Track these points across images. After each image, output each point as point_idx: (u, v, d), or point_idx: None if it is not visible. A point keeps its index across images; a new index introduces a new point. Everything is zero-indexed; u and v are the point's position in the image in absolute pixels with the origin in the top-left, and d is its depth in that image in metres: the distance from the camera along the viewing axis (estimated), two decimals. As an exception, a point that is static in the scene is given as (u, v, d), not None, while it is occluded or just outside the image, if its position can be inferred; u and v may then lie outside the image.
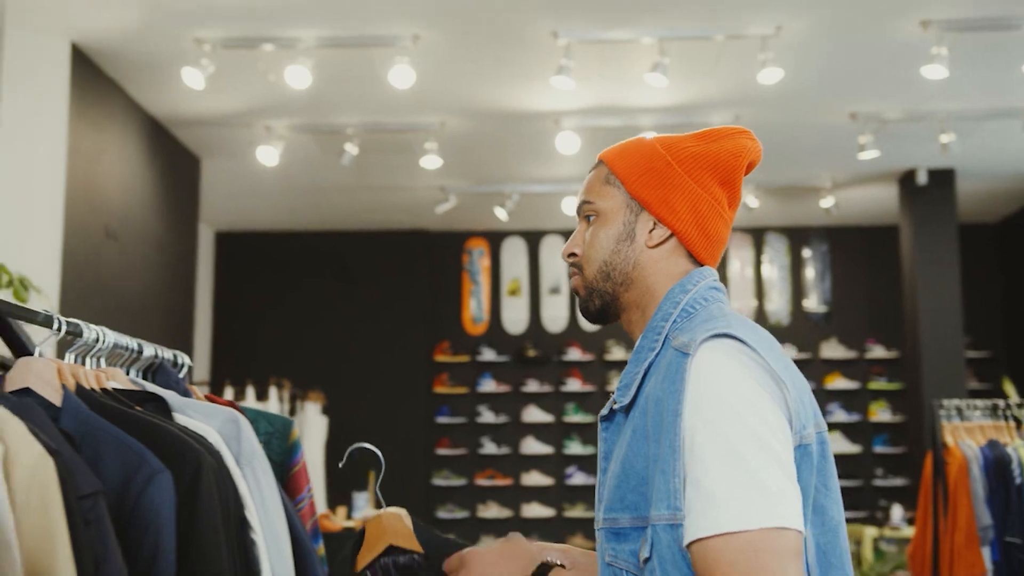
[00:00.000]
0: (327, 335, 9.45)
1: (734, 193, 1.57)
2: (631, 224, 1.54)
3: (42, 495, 1.19)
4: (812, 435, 1.33)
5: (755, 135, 1.60)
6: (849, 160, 7.36)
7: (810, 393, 1.41)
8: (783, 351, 1.42)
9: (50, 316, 1.77)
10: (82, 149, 5.61)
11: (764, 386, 1.31)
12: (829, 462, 1.37)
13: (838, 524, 1.35)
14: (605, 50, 5.60)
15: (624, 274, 1.53)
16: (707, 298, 1.49)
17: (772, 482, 1.23)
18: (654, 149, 1.55)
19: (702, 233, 1.52)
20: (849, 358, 9.39)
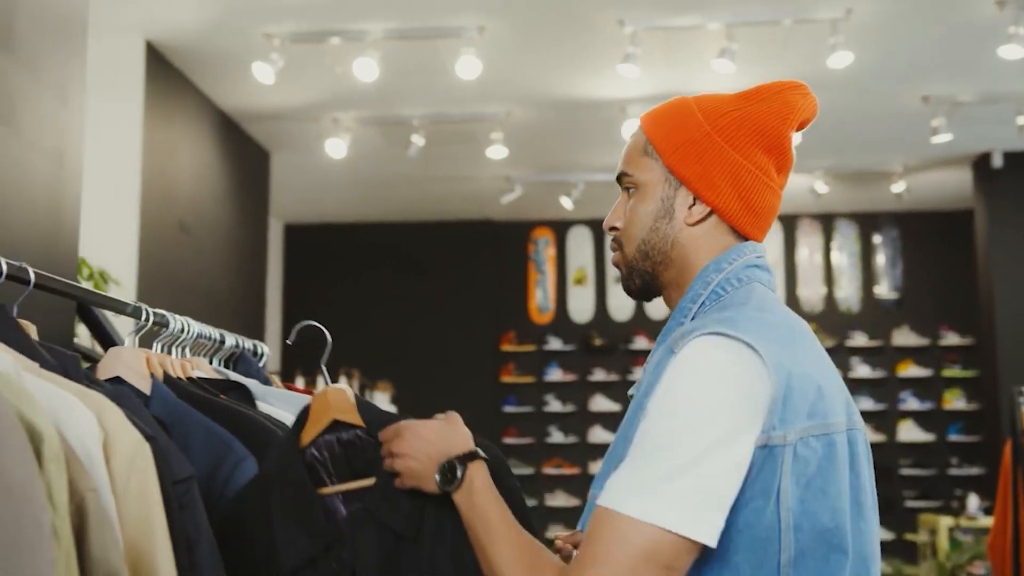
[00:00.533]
0: (395, 325, 9.53)
1: (782, 158, 1.45)
2: (670, 200, 1.44)
3: (140, 479, 1.23)
4: (786, 437, 1.22)
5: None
6: (921, 144, 7.22)
7: (831, 390, 1.29)
8: (806, 344, 1.31)
9: (139, 307, 1.82)
10: (157, 144, 5.72)
11: (738, 382, 1.23)
12: (835, 466, 1.27)
13: (829, 531, 1.25)
14: (671, 37, 5.57)
15: (663, 253, 1.44)
16: (741, 278, 1.40)
17: (672, 483, 1.19)
18: (693, 116, 1.43)
19: (746, 207, 1.42)
20: (921, 345, 9.23)
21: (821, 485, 1.25)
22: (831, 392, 1.30)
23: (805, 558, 1.25)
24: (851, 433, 1.32)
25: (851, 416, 1.34)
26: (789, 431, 1.23)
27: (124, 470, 1.22)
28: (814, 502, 1.25)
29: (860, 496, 1.32)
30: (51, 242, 2.29)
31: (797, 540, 1.24)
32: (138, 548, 1.20)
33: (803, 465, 1.24)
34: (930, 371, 9.18)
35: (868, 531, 1.33)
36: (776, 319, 1.33)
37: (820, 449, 1.25)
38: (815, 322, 9.36)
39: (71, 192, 2.37)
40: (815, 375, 1.28)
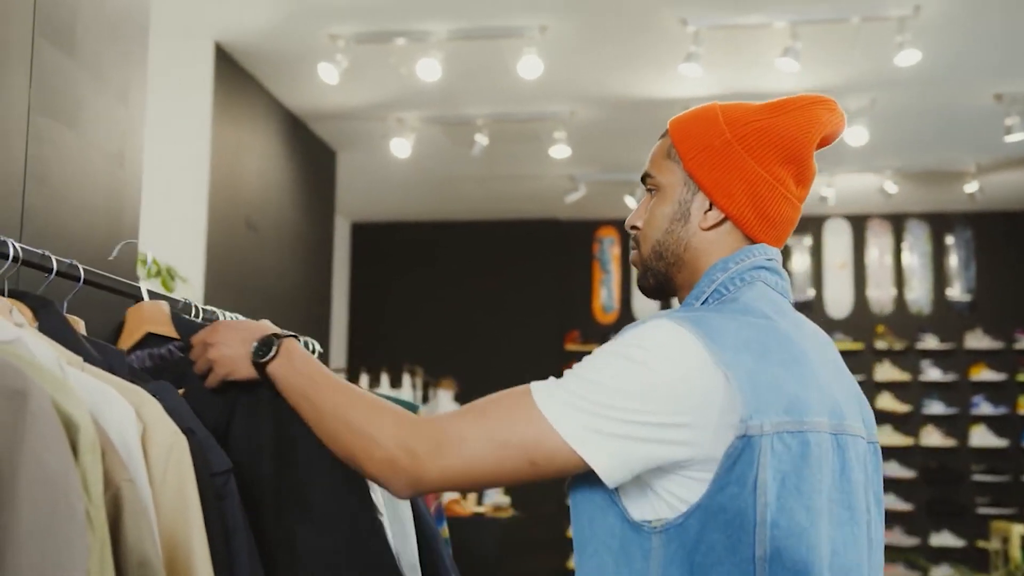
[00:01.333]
0: (459, 324, 9.59)
1: (802, 170, 1.47)
2: (687, 203, 1.48)
3: (177, 471, 1.27)
4: (763, 428, 1.24)
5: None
6: (994, 143, 7.06)
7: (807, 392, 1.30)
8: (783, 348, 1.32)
9: (189, 304, 1.87)
10: (225, 144, 5.84)
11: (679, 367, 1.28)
12: (809, 465, 1.27)
13: (804, 530, 1.26)
14: (734, 36, 5.53)
15: (676, 255, 1.49)
16: (745, 278, 1.43)
17: (577, 393, 1.29)
18: (716, 123, 1.47)
19: (760, 217, 1.45)
20: (995, 348, 9.03)
21: (795, 483, 1.26)
22: (808, 393, 1.31)
23: (781, 556, 1.25)
24: (841, 438, 1.33)
25: (843, 420, 1.34)
26: (765, 423, 1.25)
27: (161, 462, 1.26)
28: (790, 499, 1.26)
29: (852, 501, 1.33)
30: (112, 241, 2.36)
31: (774, 537, 1.24)
32: (174, 537, 1.24)
33: (779, 460, 1.25)
34: (1004, 375, 8.96)
35: (861, 536, 1.33)
36: (754, 321, 1.34)
37: (794, 447, 1.27)
38: (884, 324, 9.21)
39: (132, 192, 2.44)
40: (789, 375, 1.30)
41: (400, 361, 7.83)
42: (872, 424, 1.43)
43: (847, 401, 1.38)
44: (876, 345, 9.16)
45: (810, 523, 1.26)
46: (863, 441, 1.38)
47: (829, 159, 7.47)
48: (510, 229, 9.73)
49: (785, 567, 1.25)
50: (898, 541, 8.77)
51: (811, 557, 1.26)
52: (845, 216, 9.33)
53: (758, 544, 1.24)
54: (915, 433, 9.00)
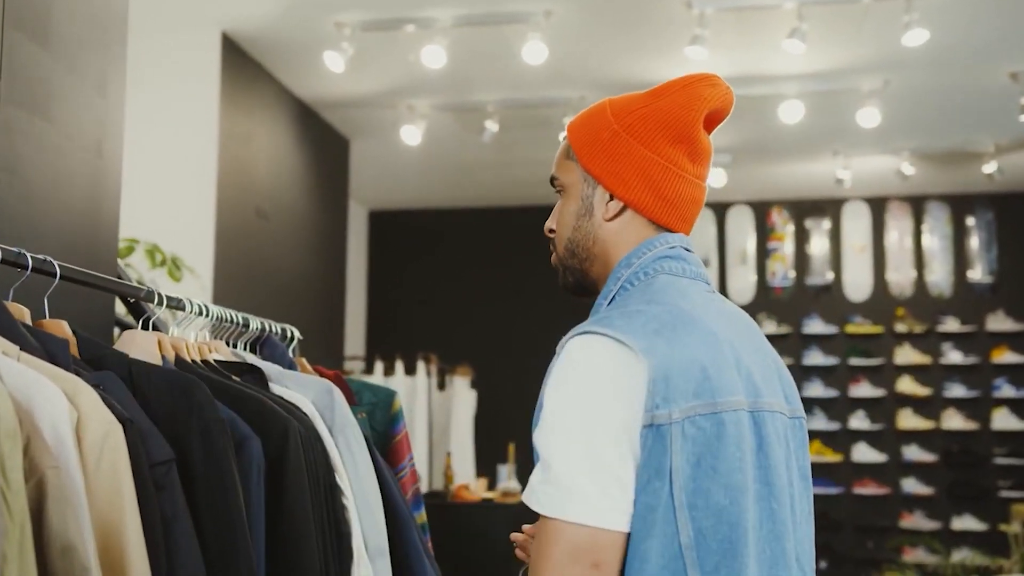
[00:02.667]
0: (476, 310, 9.60)
1: (694, 147, 1.50)
2: (589, 198, 1.52)
3: (112, 459, 1.28)
4: (671, 416, 1.27)
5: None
6: (1012, 123, 6.97)
7: (723, 371, 1.32)
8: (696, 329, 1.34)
9: (152, 292, 1.89)
10: (233, 133, 5.86)
11: (613, 373, 1.29)
12: (725, 444, 1.29)
13: (723, 508, 1.27)
14: (741, 17, 5.48)
15: (586, 249, 1.53)
16: (648, 272, 1.47)
17: (574, 479, 1.26)
18: (604, 117, 1.52)
19: (659, 199, 1.49)
20: (1018, 331, 8.92)
21: (712, 463, 1.28)
22: (721, 374, 1.32)
23: (705, 538, 1.27)
24: (758, 415, 1.35)
25: (760, 398, 1.36)
26: (674, 410, 1.27)
27: (96, 450, 1.27)
28: (706, 480, 1.27)
29: (771, 477, 1.34)
30: (91, 231, 2.38)
31: (693, 519, 1.27)
32: (108, 525, 1.26)
33: (691, 444, 1.27)
34: (1025, 358, 8.88)
35: (782, 510, 1.34)
36: (660, 309, 1.37)
37: (708, 428, 1.29)
38: (904, 307, 9.13)
39: (111, 183, 2.46)
40: (700, 357, 1.32)
41: (415, 349, 7.85)
42: (795, 398, 1.46)
43: (766, 378, 1.39)
44: (896, 328, 9.08)
45: (729, 501, 1.28)
46: (783, 416, 1.40)
47: (844, 141, 7.41)
48: (524, 215, 9.67)
49: (710, 549, 1.27)
50: (920, 525, 8.71)
51: (734, 535, 1.28)
52: (864, 199, 9.25)
53: (681, 531, 1.26)
54: (936, 416, 8.93)
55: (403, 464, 2.37)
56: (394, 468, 2.34)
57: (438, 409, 7.57)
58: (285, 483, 1.74)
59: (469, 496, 5.22)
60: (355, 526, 1.93)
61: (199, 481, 1.50)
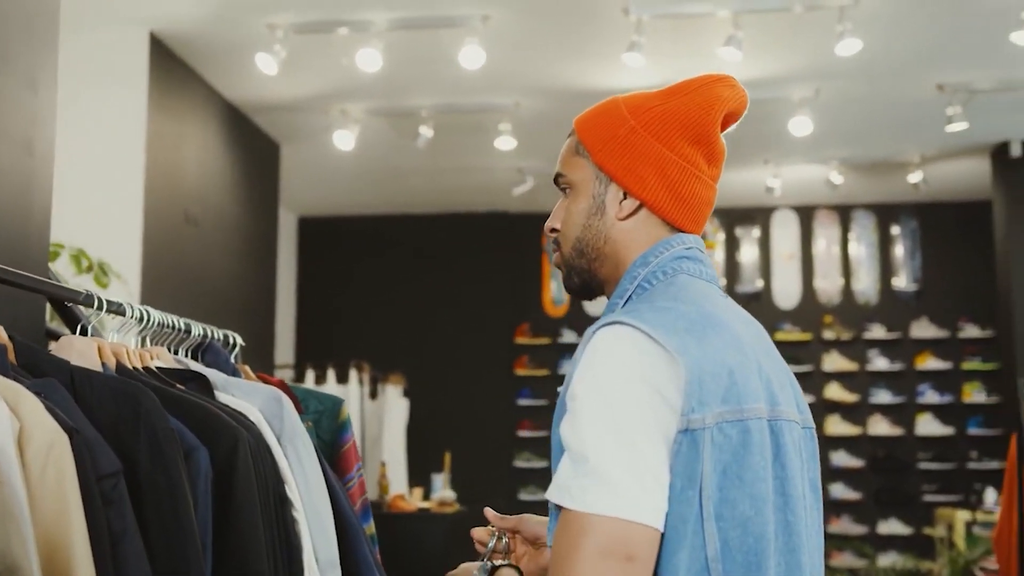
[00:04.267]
0: (408, 318, 9.51)
1: (710, 149, 1.46)
2: (601, 196, 1.47)
3: (57, 471, 1.20)
4: (705, 420, 1.22)
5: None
6: (937, 133, 7.12)
7: (747, 378, 1.28)
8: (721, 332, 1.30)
9: (91, 295, 1.79)
10: (161, 136, 5.72)
11: (647, 368, 1.23)
12: (751, 453, 1.25)
13: (749, 519, 1.23)
14: (678, 25, 5.50)
15: (596, 249, 1.47)
16: (667, 271, 1.42)
17: (610, 471, 1.19)
18: (619, 113, 1.47)
19: (675, 199, 1.44)
20: (941, 337, 9.11)
21: (737, 472, 1.24)
22: (747, 379, 1.29)
23: (731, 550, 1.22)
24: (775, 423, 1.30)
25: (777, 406, 1.32)
26: (707, 414, 1.23)
27: (40, 462, 1.19)
28: (733, 489, 1.23)
29: (788, 488, 1.30)
30: (21, 230, 2.27)
31: (720, 530, 1.22)
32: (53, 541, 1.17)
33: (719, 451, 1.23)
34: (950, 364, 9.05)
35: (798, 523, 1.30)
36: (688, 308, 1.32)
37: (735, 435, 1.25)
38: (832, 314, 9.27)
39: (42, 181, 2.35)
40: (728, 362, 1.28)
41: (347, 357, 7.74)
42: (806, 409, 1.41)
43: (781, 386, 1.35)
44: (824, 335, 9.21)
45: (755, 512, 1.24)
46: (798, 427, 1.36)
47: (775, 149, 7.49)
48: (459, 222, 9.66)
49: (736, 561, 1.23)
50: (847, 529, 8.83)
51: (759, 547, 1.24)
52: (792, 207, 9.37)
53: (708, 544, 1.22)
54: (863, 422, 9.07)
55: (351, 474, 2.30)
56: (342, 478, 2.26)
57: (370, 418, 7.47)
58: (234, 495, 1.66)
59: (406, 506, 5.14)
60: (306, 539, 1.86)
61: (148, 494, 1.42)
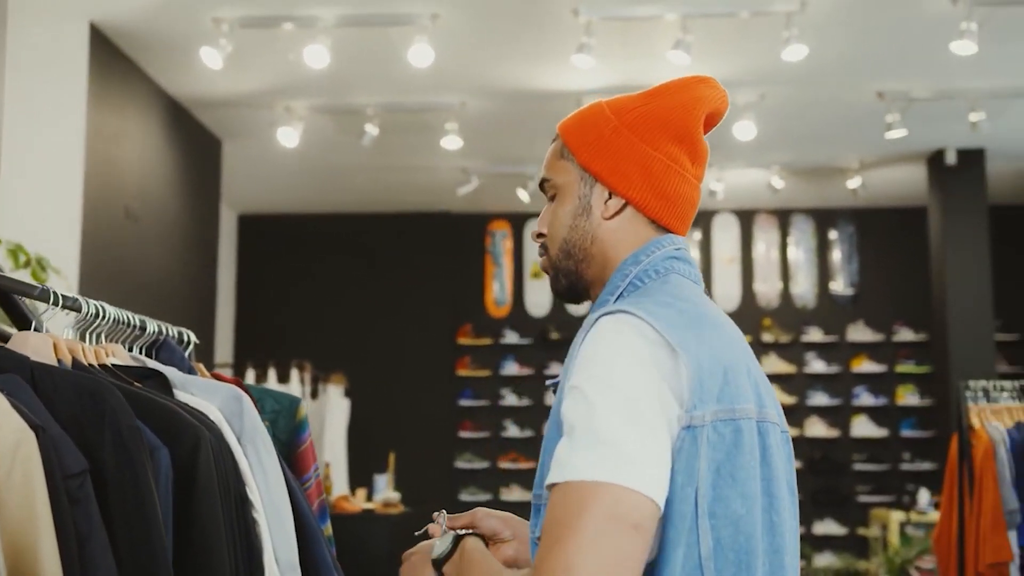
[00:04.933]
0: (350, 318, 9.44)
1: (694, 148, 1.47)
2: (587, 197, 1.47)
3: (24, 470, 1.16)
4: (704, 418, 1.23)
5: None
6: (876, 140, 7.24)
7: (738, 378, 1.29)
8: (717, 332, 1.32)
9: (47, 290, 1.74)
10: (101, 130, 5.60)
11: (650, 357, 1.23)
12: (742, 452, 1.26)
13: (740, 518, 1.24)
14: (627, 28, 5.53)
15: (583, 250, 1.47)
16: (659, 270, 1.42)
17: (626, 442, 1.17)
18: (602, 114, 1.48)
19: (660, 197, 1.44)
20: (876, 341, 9.27)
21: (730, 470, 1.25)
22: (738, 380, 1.30)
23: (723, 549, 1.23)
24: (762, 425, 1.31)
25: (764, 408, 1.33)
26: (706, 412, 1.24)
27: (7, 461, 1.15)
28: (725, 487, 1.24)
29: (772, 488, 1.31)
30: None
31: (713, 528, 1.22)
32: (20, 542, 1.13)
33: (713, 449, 1.24)
34: (884, 367, 9.22)
35: (781, 524, 1.31)
36: (686, 306, 1.33)
37: (728, 434, 1.25)
38: (771, 318, 9.38)
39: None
40: (723, 361, 1.29)
41: (288, 356, 7.65)
42: (782, 414, 1.42)
43: (766, 390, 1.37)
44: (763, 338, 9.32)
45: (746, 511, 1.25)
46: (778, 429, 1.36)
47: (719, 153, 7.56)
48: (401, 222, 9.61)
49: (727, 560, 1.23)
50: (783, 530, 8.93)
51: (749, 546, 1.24)
52: (733, 211, 9.47)
53: (702, 541, 1.21)
54: (800, 424, 9.19)
55: (308, 475, 2.26)
56: (299, 478, 2.23)
57: (312, 418, 7.38)
58: (195, 496, 1.62)
59: (350, 507, 5.10)
60: (266, 540, 1.82)
61: (113, 494, 1.38)
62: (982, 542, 3.70)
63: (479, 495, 9.23)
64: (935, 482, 8.51)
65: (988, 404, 3.99)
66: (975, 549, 3.78)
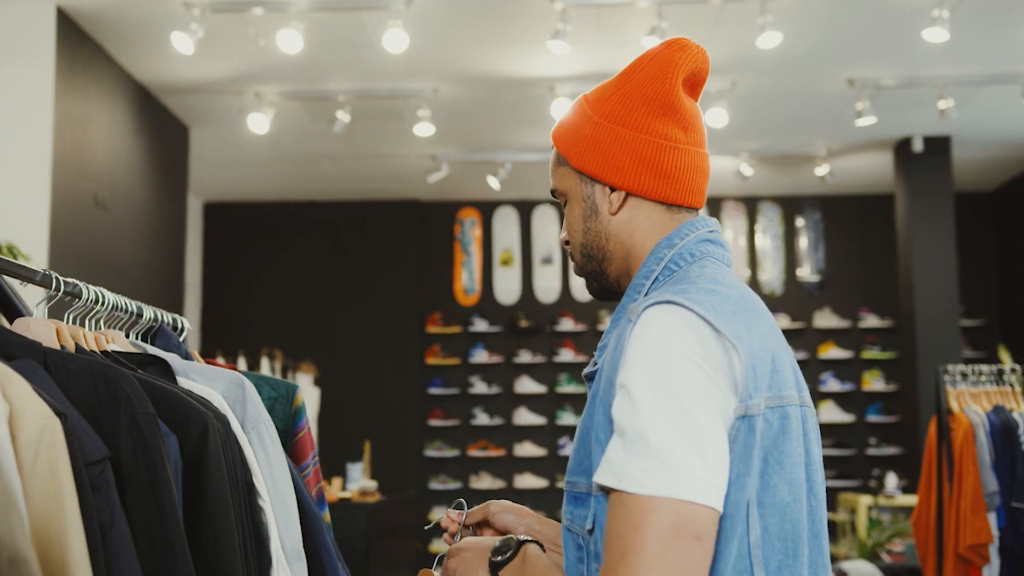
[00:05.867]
0: (318, 306, 9.37)
1: (681, 116, 1.43)
2: (591, 197, 1.46)
3: (50, 457, 1.12)
4: (760, 406, 1.22)
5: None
6: (845, 127, 7.30)
7: (783, 363, 1.29)
8: (760, 317, 1.31)
9: (49, 275, 1.70)
10: (69, 116, 5.50)
11: (702, 352, 1.21)
12: (789, 439, 1.25)
13: (787, 505, 1.24)
14: (602, 14, 5.51)
15: (601, 249, 1.46)
16: (694, 253, 1.40)
17: (674, 451, 1.16)
18: (583, 112, 1.47)
19: (659, 177, 1.42)
20: (842, 327, 9.36)
21: (778, 458, 1.24)
22: (784, 365, 1.30)
23: (770, 536, 1.22)
24: (803, 409, 1.31)
25: (801, 392, 1.33)
26: (760, 400, 1.23)
27: (32, 447, 1.11)
28: (773, 476, 1.23)
29: (811, 474, 1.31)
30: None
31: (761, 516, 1.22)
32: (47, 530, 1.10)
33: (762, 437, 1.23)
34: (850, 353, 9.31)
35: (819, 508, 1.31)
36: (730, 292, 1.31)
37: (776, 421, 1.25)
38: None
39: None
40: (770, 347, 1.28)
41: (257, 345, 7.58)
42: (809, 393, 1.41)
43: (798, 372, 1.36)
44: (731, 324, 9.35)
45: (793, 498, 1.24)
46: (812, 412, 1.36)
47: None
48: (371, 209, 9.55)
49: (775, 547, 1.22)
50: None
51: (796, 532, 1.24)
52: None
53: (751, 530, 1.21)
54: (768, 410, 9.24)
55: (307, 462, 2.23)
56: (298, 466, 2.21)
57: (282, 407, 7.33)
58: (204, 484, 1.60)
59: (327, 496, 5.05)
60: (272, 529, 1.80)
61: (130, 482, 1.35)
62: (962, 524, 3.74)
63: (449, 483, 9.22)
64: (901, 466, 8.61)
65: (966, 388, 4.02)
66: (954, 531, 3.83)
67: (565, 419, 9.28)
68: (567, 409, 9.33)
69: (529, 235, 9.61)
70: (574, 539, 1.33)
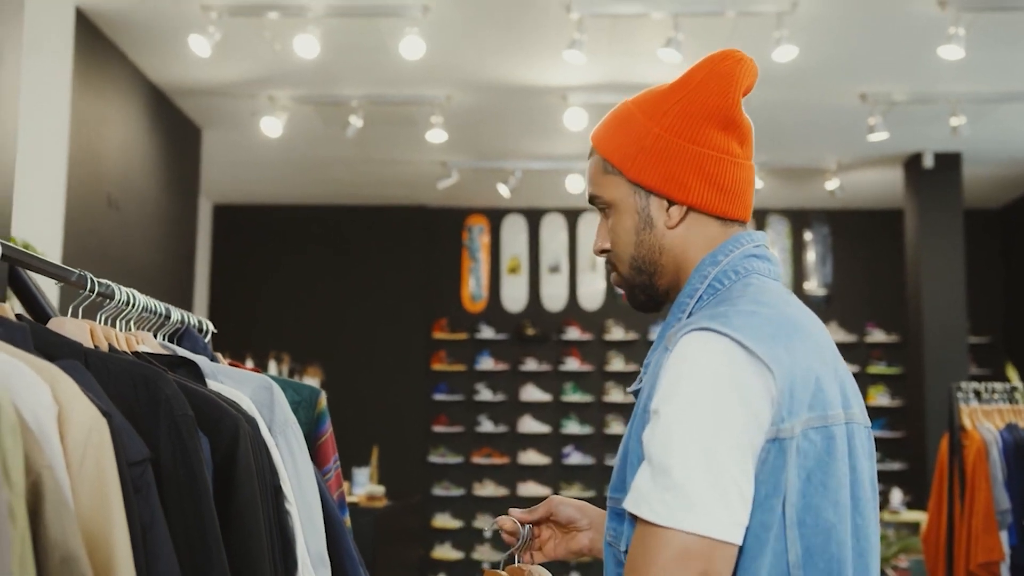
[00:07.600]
0: (325, 311, 9.38)
1: (740, 130, 1.43)
2: (645, 210, 1.44)
3: (97, 457, 1.13)
4: (794, 430, 1.22)
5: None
6: (856, 142, 7.30)
7: (828, 382, 1.28)
8: (805, 336, 1.30)
9: (84, 276, 1.71)
10: (85, 116, 5.52)
11: (736, 379, 1.21)
12: (835, 459, 1.25)
13: (832, 526, 1.23)
14: (617, 25, 5.53)
15: (653, 262, 1.45)
16: (739, 270, 1.39)
17: (694, 487, 1.17)
18: (638, 121, 1.43)
19: (720, 193, 1.41)
20: (849, 342, 9.35)
21: (822, 479, 1.24)
22: (829, 385, 1.29)
23: (812, 557, 1.22)
24: (849, 427, 1.30)
25: (849, 410, 1.32)
26: (796, 423, 1.22)
27: (80, 447, 1.12)
28: (816, 496, 1.23)
29: (857, 491, 1.30)
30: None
31: (802, 536, 1.22)
32: (93, 530, 1.11)
33: (803, 458, 1.23)
34: (856, 367, 9.29)
35: (866, 526, 1.31)
36: (772, 312, 1.30)
37: (820, 442, 1.24)
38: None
39: (5, 151, 2.24)
40: (814, 368, 1.27)
41: (264, 348, 7.59)
42: (864, 408, 1.41)
43: (850, 387, 1.35)
44: (737, 337, 9.34)
45: (838, 519, 1.24)
46: (862, 427, 1.35)
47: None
48: (379, 215, 9.56)
49: (817, 568, 1.22)
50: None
51: (841, 554, 1.24)
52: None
53: (790, 549, 1.21)
54: (772, 422, 9.23)
55: (329, 466, 2.24)
56: (320, 470, 2.21)
57: (289, 411, 7.33)
58: (235, 487, 1.60)
59: (335, 500, 5.06)
60: (298, 533, 1.81)
61: (168, 483, 1.36)
62: (973, 541, 3.74)
63: (452, 490, 9.22)
64: (906, 482, 8.60)
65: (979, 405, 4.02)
66: (966, 548, 3.83)
67: (569, 428, 9.28)
68: (572, 418, 9.32)
69: (537, 243, 9.62)
70: (614, 555, 1.35)
